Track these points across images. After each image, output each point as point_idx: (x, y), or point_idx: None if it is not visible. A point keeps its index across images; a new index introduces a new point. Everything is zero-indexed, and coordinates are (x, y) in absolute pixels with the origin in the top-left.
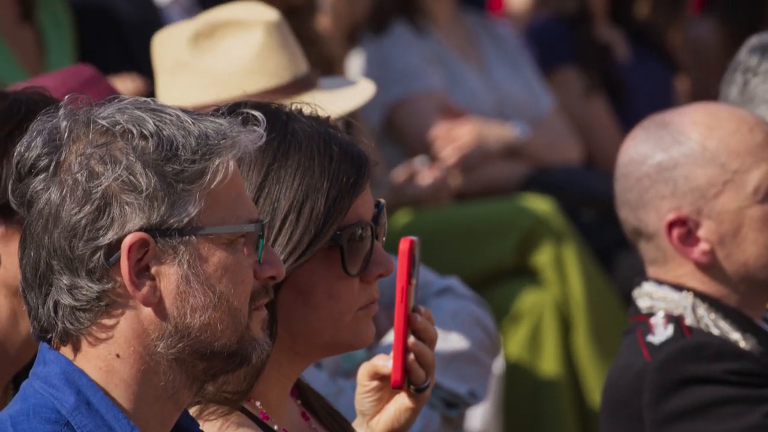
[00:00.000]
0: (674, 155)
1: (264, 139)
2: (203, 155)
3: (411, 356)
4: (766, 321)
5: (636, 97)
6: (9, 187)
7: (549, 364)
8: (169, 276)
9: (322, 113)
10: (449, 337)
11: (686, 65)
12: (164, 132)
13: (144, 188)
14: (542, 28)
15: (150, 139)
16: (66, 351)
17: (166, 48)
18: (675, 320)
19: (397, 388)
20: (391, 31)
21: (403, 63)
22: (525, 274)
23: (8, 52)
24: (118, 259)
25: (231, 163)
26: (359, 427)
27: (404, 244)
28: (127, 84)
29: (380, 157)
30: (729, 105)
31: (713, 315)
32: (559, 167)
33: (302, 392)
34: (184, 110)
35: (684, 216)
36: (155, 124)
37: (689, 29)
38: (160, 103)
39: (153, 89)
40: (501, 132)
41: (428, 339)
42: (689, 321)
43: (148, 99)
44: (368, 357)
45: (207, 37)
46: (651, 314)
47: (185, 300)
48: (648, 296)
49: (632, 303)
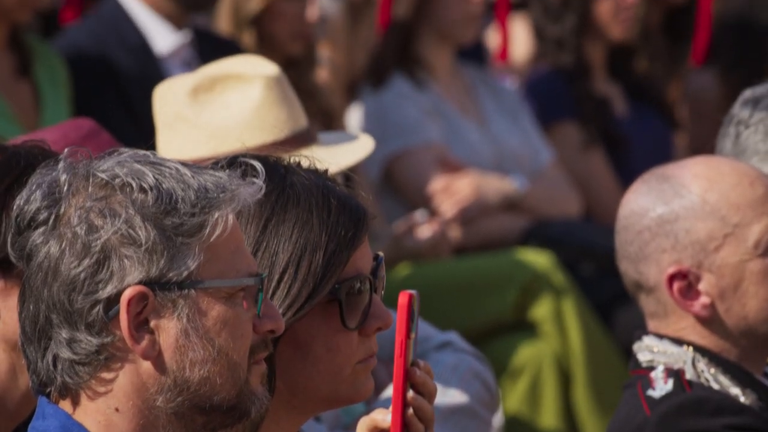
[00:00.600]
0: (675, 208)
1: (263, 192)
2: (202, 208)
3: (410, 410)
4: (767, 376)
5: (634, 151)
6: (8, 241)
7: (549, 419)
8: (168, 330)
9: (321, 166)
10: (448, 392)
11: (685, 119)
12: (163, 185)
13: (143, 242)
14: (541, 82)
15: (149, 193)
16: (65, 405)
17: (167, 101)
18: (675, 374)
19: None
20: (390, 84)
21: (402, 116)
22: (524, 328)
23: (5, 107)
24: (117, 313)
25: (230, 217)
26: None
27: (403, 298)
28: None
29: (379, 210)
30: (729, 158)
31: (713, 369)
32: (558, 220)
33: None
34: (184, 163)
35: (685, 269)
36: (155, 178)
37: (690, 81)
38: (160, 157)
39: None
40: (500, 185)
41: (427, 393)
42: (689, 375)
43: (148, 152)
44: (367, 411)
45: (207, 91)
46: (651, 368)
47: (184, 354)
48: (648, 350)
49: (632, 357)
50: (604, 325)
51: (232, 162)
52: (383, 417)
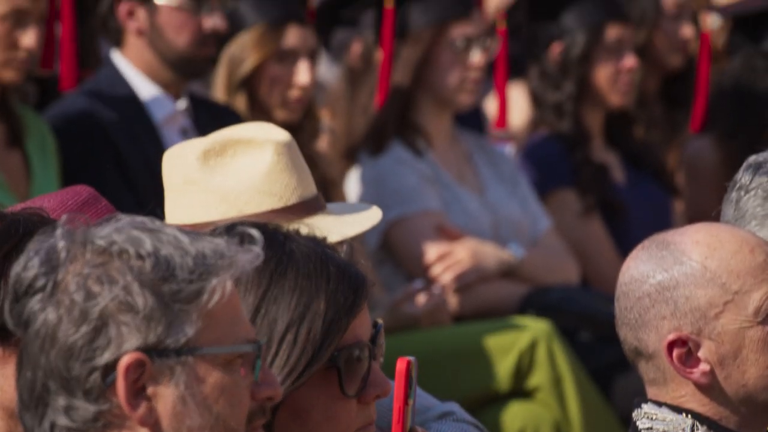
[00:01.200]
0: (675, 275)
1: (261, 259)
2: (200, 275)
3: None
4: None
5: (633, 219)
6: (6, 308)
7: None
8: (166, 397)
9: (320, 233)
10: None
11: (683, 186)
12: (161, 252)
13: (141, 308)
14: (539, 148)
15: (147, 259)
16: None
17: (176, 165)
18: None
19: None
20: (389, 152)
21: (400, 183)
22: (523, 396)
23: None
24: (115, 380)
25: (228, 283)
26: None
27: (401, 364)
28: None
29: (377, 278)
30: (730, 225)
31: None
32: (557, 288)
33: None
34: (182, 230)
35: (684, 336)
36: (152, 244)
37: (687, 147)
38: (158, 223)
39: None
40: (498, 252)
41: None
42: None
43: (146, 219)
44: None
45: (217, 155)
46: None
47: (182, 421)
48: (647, 417)
49: (632, 424)
50: (603, 393)
51: (230, 229)
52: None
